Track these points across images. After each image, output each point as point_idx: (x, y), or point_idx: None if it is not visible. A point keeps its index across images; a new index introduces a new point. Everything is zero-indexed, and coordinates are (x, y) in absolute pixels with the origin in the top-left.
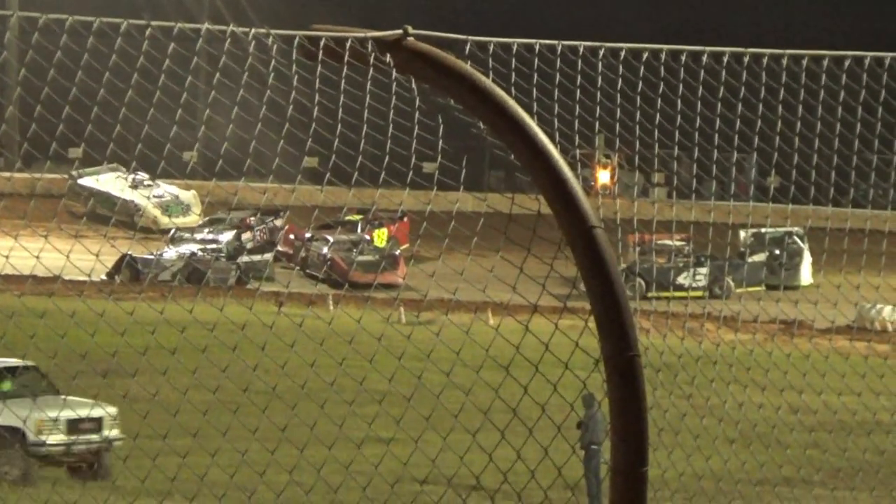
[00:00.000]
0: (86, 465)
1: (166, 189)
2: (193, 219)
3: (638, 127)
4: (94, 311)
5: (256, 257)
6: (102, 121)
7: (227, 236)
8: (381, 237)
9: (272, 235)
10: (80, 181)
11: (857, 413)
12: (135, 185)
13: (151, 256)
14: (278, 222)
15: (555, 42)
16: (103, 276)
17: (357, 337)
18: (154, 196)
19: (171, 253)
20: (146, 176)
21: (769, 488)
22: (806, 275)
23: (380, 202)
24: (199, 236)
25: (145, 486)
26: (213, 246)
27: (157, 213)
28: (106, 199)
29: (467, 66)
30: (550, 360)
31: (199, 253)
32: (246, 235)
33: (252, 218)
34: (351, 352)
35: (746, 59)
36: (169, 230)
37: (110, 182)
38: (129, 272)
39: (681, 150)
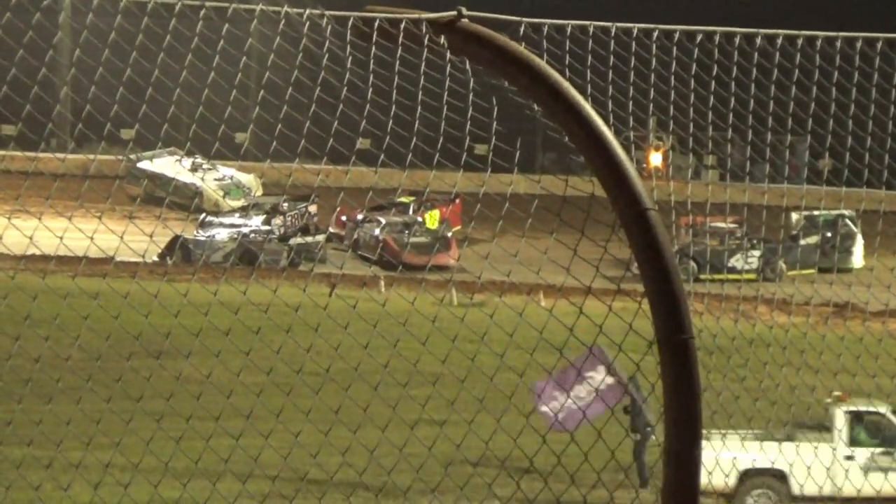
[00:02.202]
0: None
1: (225, 172)
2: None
3: (691, 109)
4: (147, 293)
5: (309, 239)
6: (156, 102)
7: (256, 221)
8: (433, 219)
9: (303, 220)
10: (139, 164)
11: None
12: (194, 168)
13: (203, 238)
14: (312, 208)
15: (609, 24)
16: (155, 258)
17: (410, 319)
18: (215, 179)
19: (223, 234)
20: (204, 160)
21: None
22: (858, 257)
23: (432, 184)
24: (228, 221)
25: (198, 466)
26: (266, 227)
27: (217, 196)
28: (165, 182)
29: (521, 48)
30: (604, 342)
31: (252, 235)
32: (276, 221)
33: (285, 203)
34: (404, 333)
35: (800, 42)
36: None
37: (168, 165)
38: (181, 254)
39: (734, 132)
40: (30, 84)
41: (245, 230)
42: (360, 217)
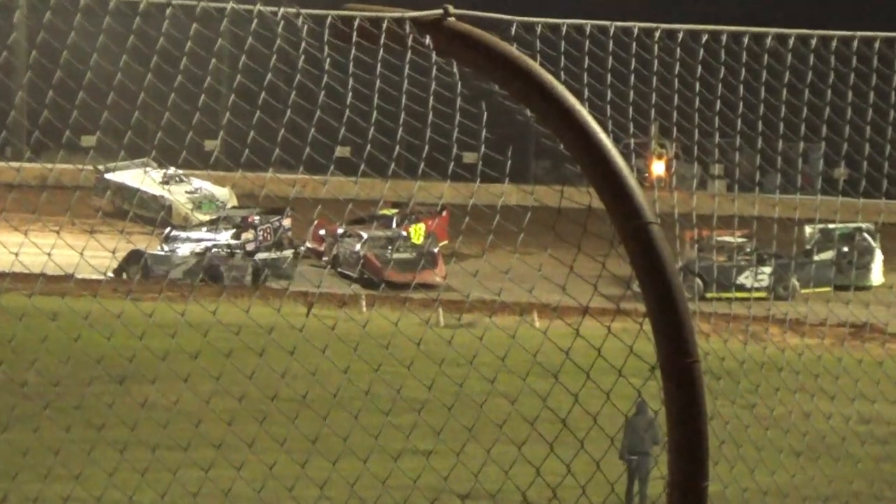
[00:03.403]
0: None
1: (198, 185)
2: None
3: (696, 114)
4: (110, 313)
5: (275, 254)
6: (119, 107)
7: (225, 236)
8: (418, 233)
9: (276, 235)
10: (108, 175)
11: None
12: (166, 181)
13: (163, 253)
14: (285, 222)
15: (607, 23)
16: (110, 274)
17: (393, 341)
18: (186, 192)
19: (184, 249)
20: (179, 172)
21: None
22: (877, 274)
23: (417, 195)
24: (194, 235)
25: (165, 501)
26: (235, 242)
27: (187, 209)
28: (132, 194)
29: (512, 49)
30: (602, 366)
31: (214, 249)
32: (246, 235)
33: (256, 217)
34: (387, 357)
35: (814, 42)
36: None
37: (137, 177)
38: (140, 269)
39: (742, 139)
40: None
41: (207, 244)
42: (339, 231)
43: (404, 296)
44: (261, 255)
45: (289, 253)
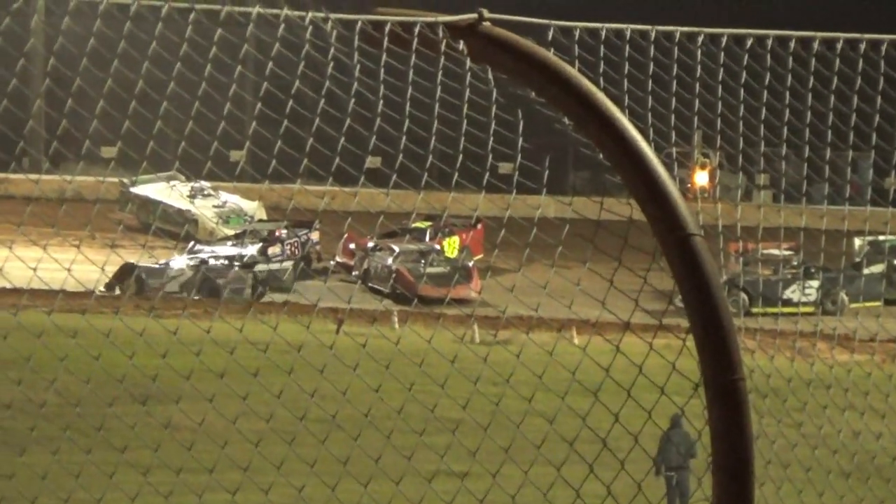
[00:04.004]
0: None
1: (228, 198)
2: None
3: (741, 122)
4: (131, 330)
5: (275, 266)
6: (140, 116)
7: (251, 250)
8: (452, 246)
9: (304, 249)
10: (133, 189)
11: None
12: (193, 195)
13: (158, 266)
14: (313, 235)
15: (648, 27)
16: (101, 289)
17: (427, 358)
18: (214, 206)
19: (179, 262)
20: (207, 185)
21: None
22: None
23: (451, 207)
24: (219, 250)
25: None
26: (229, 253)
27: (213, 224)
28: (158, 208)
29: (550, 54)
30: (644, 383)
31: (211, 261)
32: (273, 249)
33: (283, 230)
34: (420, 375)
35: (863, 47)
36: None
37: (164, 190)
38: (134, 283)
39: (788, 147)
40: None
41: (203, 256)
42: (370, 245)
43: (438, 311)
44: (260, 267)
45: (288, 264)
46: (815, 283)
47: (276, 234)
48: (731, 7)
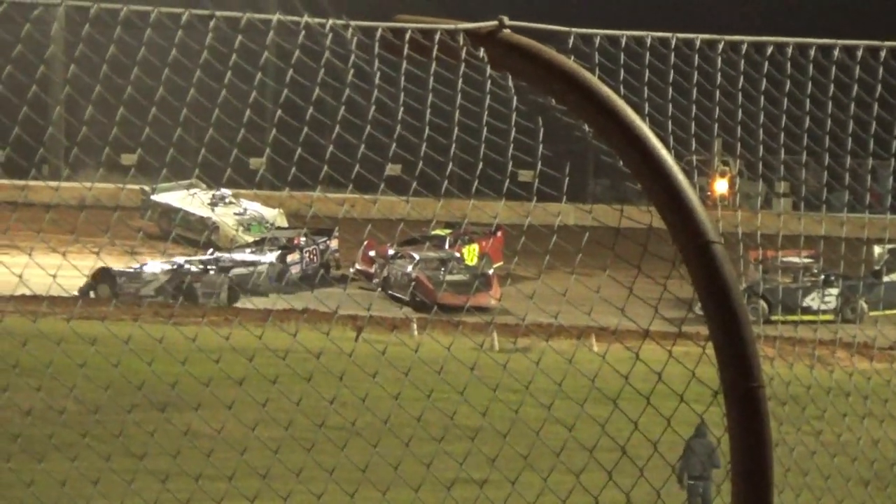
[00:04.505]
0: None
1: (249, 206)
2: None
3: (761, 130)
4: (151, 338)
5: (248, 269)
6: (160, 123)
7: (270, 257)
8: (472, 254)
9: (323, 257)
10: (154, 197)
11: None
12: (214, 202)
13: (132, 270)
14: (332, 243)
15: (668, 34)
16: (74, 293)
17: (446, 366)
18: (235, 214)
19: (154, 266)
20: (228, 192)
21: None
22: None
23: (471, 215)
24: (238, 257)
25: None
26: (205, 258)
27: (234, 231)
28: (179, 216)
29: (570, 62)
30: (663, 391)
31: (187, 265)
32: (292, 257)
33: (302, 238)
34: (439, 383)
35: (883, 54)
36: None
37: (185, 198)
38: (107, 287)
39: (809, 155)
40: (18, 103)
41: (178, 260)
42: (390, 252)
43: (457, 319)
44: (236, 270)
45: (263, 268)
46: (835, 291)
47: (295, 241)
48: (750, 15)
